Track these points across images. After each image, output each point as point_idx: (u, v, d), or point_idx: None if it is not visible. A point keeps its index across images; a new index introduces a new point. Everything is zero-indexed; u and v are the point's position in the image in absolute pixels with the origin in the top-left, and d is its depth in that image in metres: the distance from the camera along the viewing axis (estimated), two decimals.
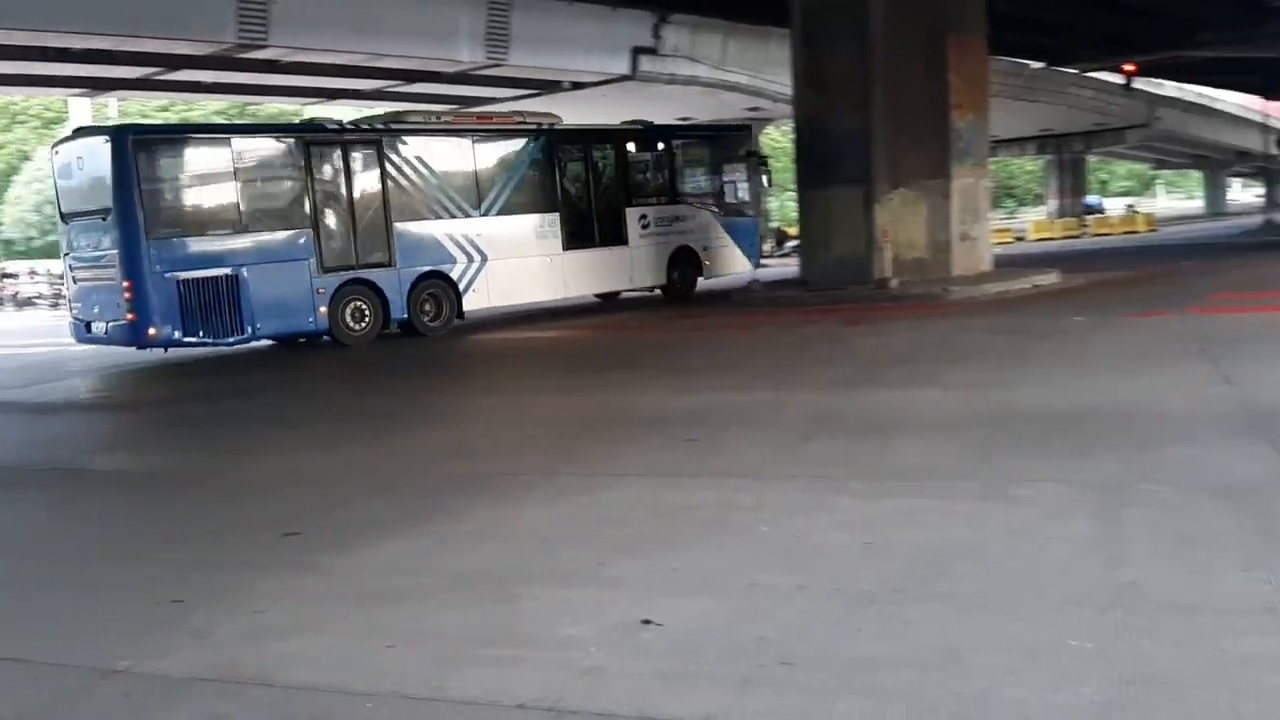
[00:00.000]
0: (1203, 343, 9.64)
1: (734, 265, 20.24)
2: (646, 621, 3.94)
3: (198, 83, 25.46)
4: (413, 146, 15.87)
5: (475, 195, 16.46)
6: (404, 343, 15.57)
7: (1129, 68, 25.67)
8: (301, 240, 14.56)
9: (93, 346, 15.13)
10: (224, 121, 41.01)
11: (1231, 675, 3.22)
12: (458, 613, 4.23)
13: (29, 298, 33.55)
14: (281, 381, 12.99)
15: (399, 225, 15.53)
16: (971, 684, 3.29)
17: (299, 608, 4.45)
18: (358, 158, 15.26)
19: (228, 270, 13.72)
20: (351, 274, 14.99)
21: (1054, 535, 4.63)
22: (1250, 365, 8.38)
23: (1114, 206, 60.28)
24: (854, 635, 3.72)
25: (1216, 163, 62.15)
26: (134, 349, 13.94)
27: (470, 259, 16.28)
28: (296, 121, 19.44)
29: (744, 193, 20.44)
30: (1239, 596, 3.81)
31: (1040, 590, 4.01)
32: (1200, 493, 5.09)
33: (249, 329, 14.05)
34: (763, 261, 22.63)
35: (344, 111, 27.77)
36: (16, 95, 42.66)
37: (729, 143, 20.94)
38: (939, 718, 3.11)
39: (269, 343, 15.48)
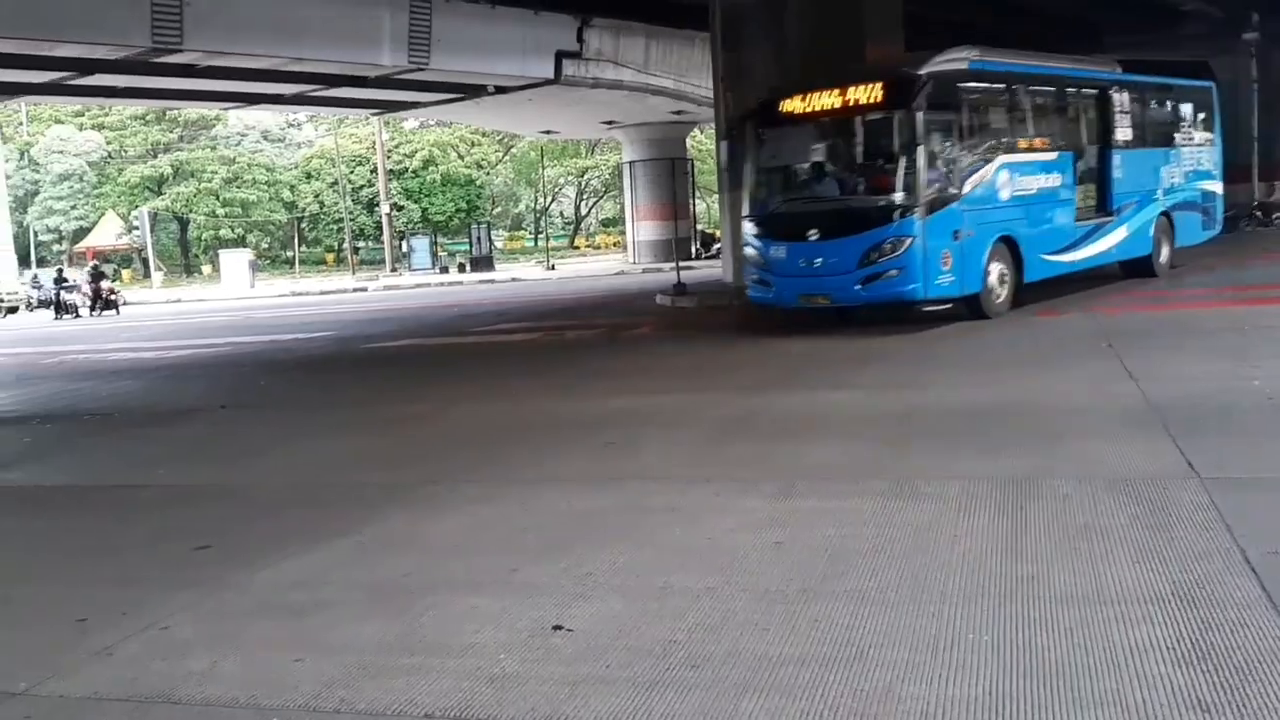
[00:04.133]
0: None
1: None
2: (557, 627, 3.96)
3: (111, 88, 24.90)
4: None
5: None
6: None
7: None
8: None
9: None
10: None
11: (1121, 665, 3.32)
12: (367, 624, 4.20)
13: None
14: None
15: None
16: (874, 679, 3.36)
17: (207, 622, 4.39)
18: None
19: None
20: None
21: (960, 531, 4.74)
22: None
23: None
24: (761, 634, 3.77)
25: None
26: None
27: None
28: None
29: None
30: (1131, 588, 3.93)
31: (943, 585, 4.10)
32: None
33: None
34: (688, 263, 22.51)
35: (262, 117, 27.33)
36: None
37: None
38: (841, 714, 3.17)
39: None
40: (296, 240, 55.35)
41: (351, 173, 55.54)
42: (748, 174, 12.91)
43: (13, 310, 34.40)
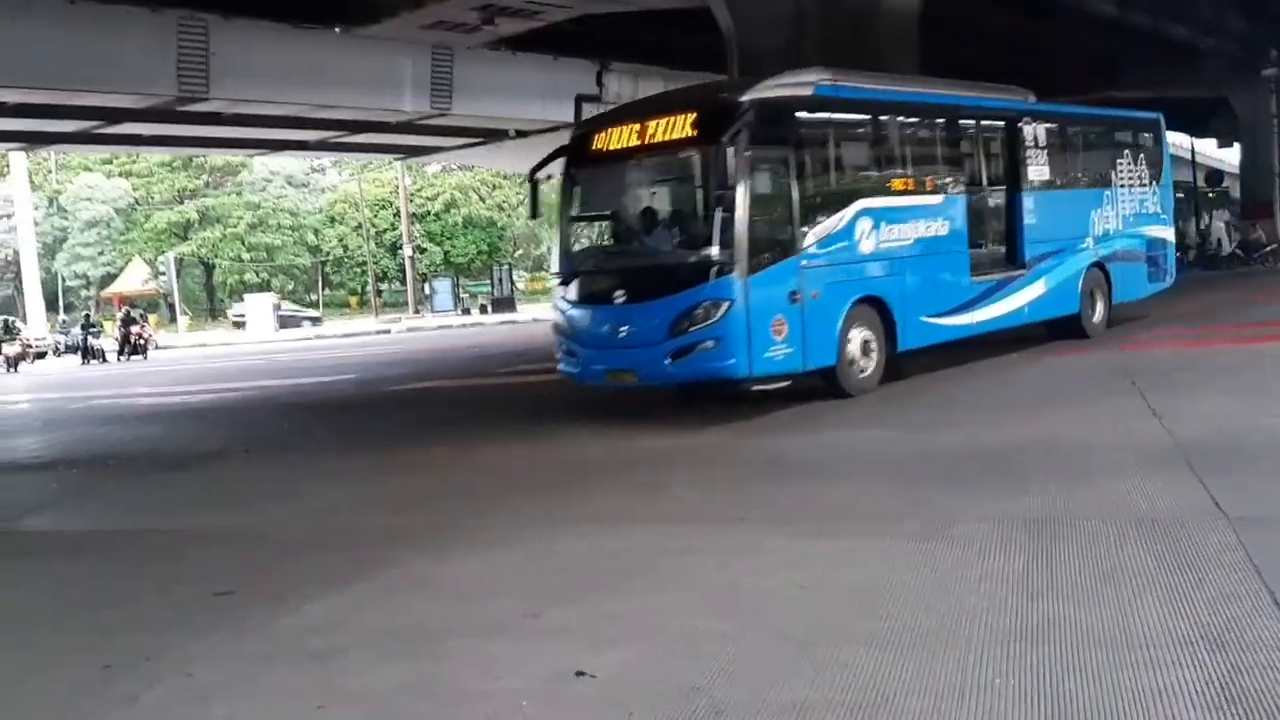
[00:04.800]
0: None
1: None
2: (580, 673, 3.93)
3: (138, 136, 25.31)
4: None
5: None
6: None
7: None
8: None
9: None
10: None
11: (1150, 710, 3.28)
12: (389, 669, 4.19)
13: None
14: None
15: None
16: None
17: (229, 668, 4.39)
18: None
19: None
20: None
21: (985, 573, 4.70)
22: None
23: None
24: (786, 679, 3.74)
25: None
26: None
27: None
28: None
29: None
30: (1160, 630, 3.88)
31: (970, 629, 4.06)
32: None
33: None
34: None
35: (286, 162, 27.77)
36: None
37: None
38: None
39: None
40: (320, 284, 55.83)
41: (375, 216, 56.16)
42: (560, 223, 10.66)
43: (40, 356, 34.73)
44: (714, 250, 9.00)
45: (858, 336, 10.02)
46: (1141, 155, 14.59)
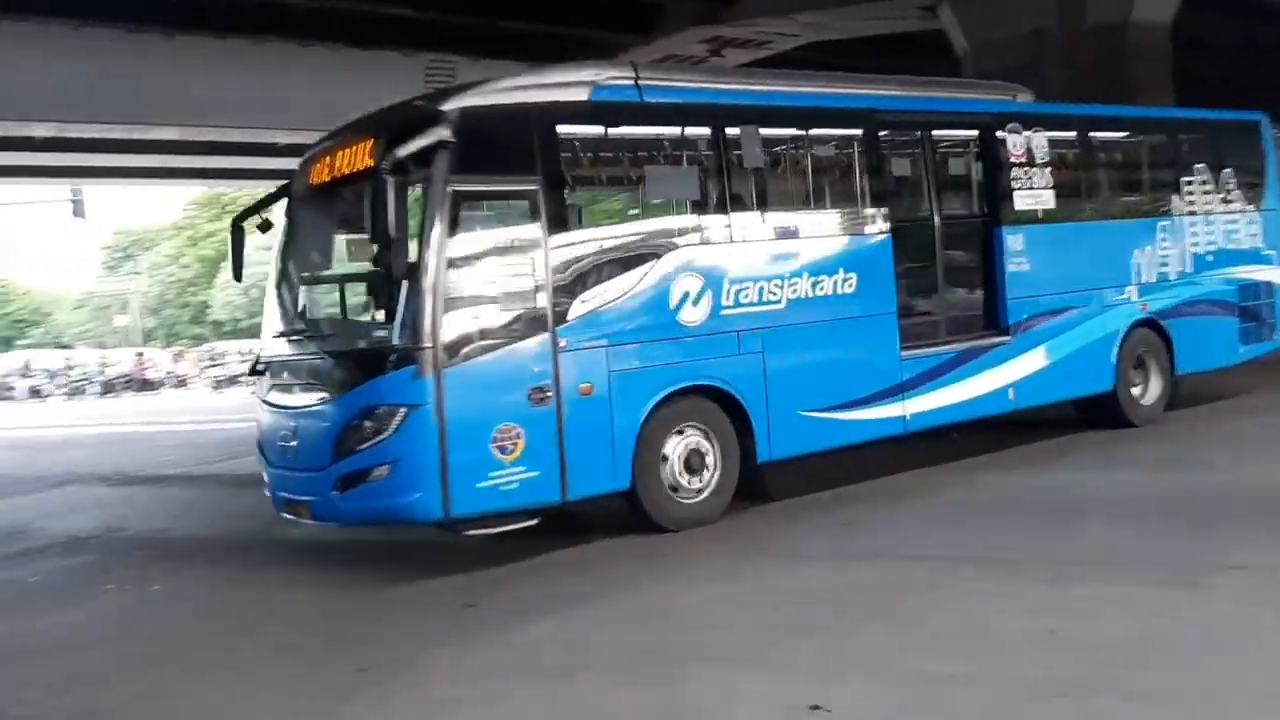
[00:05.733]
0: None
1: None
2: (815, 707, 3.87)
3: None
4: None
5: None
6: None
7: None
8: None
9: None
10: None
11: None
12: (627, 691, 4.25)
13: (233, 376, 35.44)
14: None
15: None
16: None
17: (473, 681, 4.56)
18: None
19: None
20: None
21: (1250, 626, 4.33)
22: None
23: None
24: None
25: None
26: None
27: None
28: None
29: None
30: None
31: (1238, 686, 3.75)
32: None
33: None
34: None
35: None
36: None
37: None
38: None
39: None
40: None
41: None
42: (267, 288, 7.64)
43: None
44: (392, 330, 6.32)
45: (678, 448, 7.03)
46: (1229, 171, 10.64)
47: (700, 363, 7.13)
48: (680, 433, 7.07)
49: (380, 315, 6.66)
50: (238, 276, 8.09)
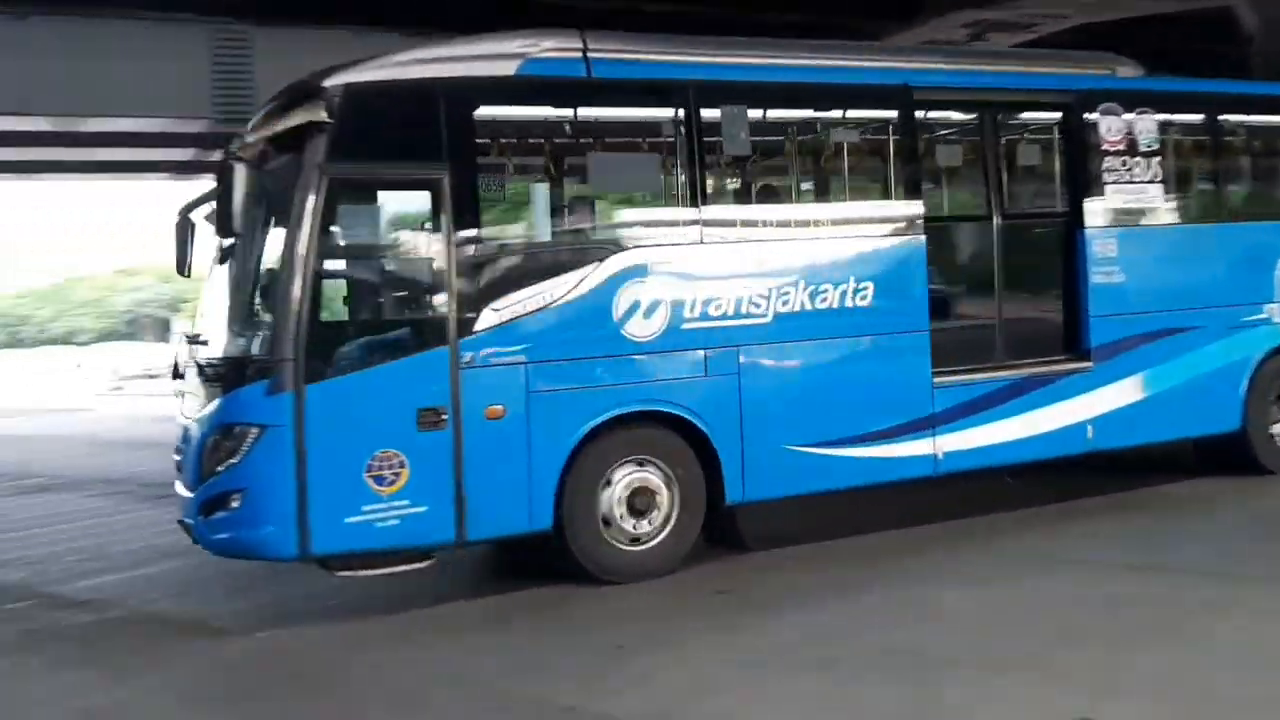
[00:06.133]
0: None
1: None
2: None
3: None
4: None
5: None
6: None
7: None
8: None
9: None
10: None
11: None
12: (880, 689, 4.20)
13: None
14: None
15: None
16: None
17: (728, 666, 4.62)
18: None
19: None
20: None
21: None
22: None
23: None
24: None
25: None
26: None
27: None
28: None
29: None
30: None
31: None
32: None
33: None
34: None
35: None
36: None
37: None
38: None
39: None
40: None
41: None
42: None
43: None
44: (253, 338, 5.72)
45: (620, 482, 6.00)
46: None
47: (651, 384, 6.07)
48: (628, 466, 6.02)
49: (249, 321, 5.86)
50: (181, 270, 6.40)
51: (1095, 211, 7.40)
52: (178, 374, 6.28)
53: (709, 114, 6.38)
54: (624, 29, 6.92)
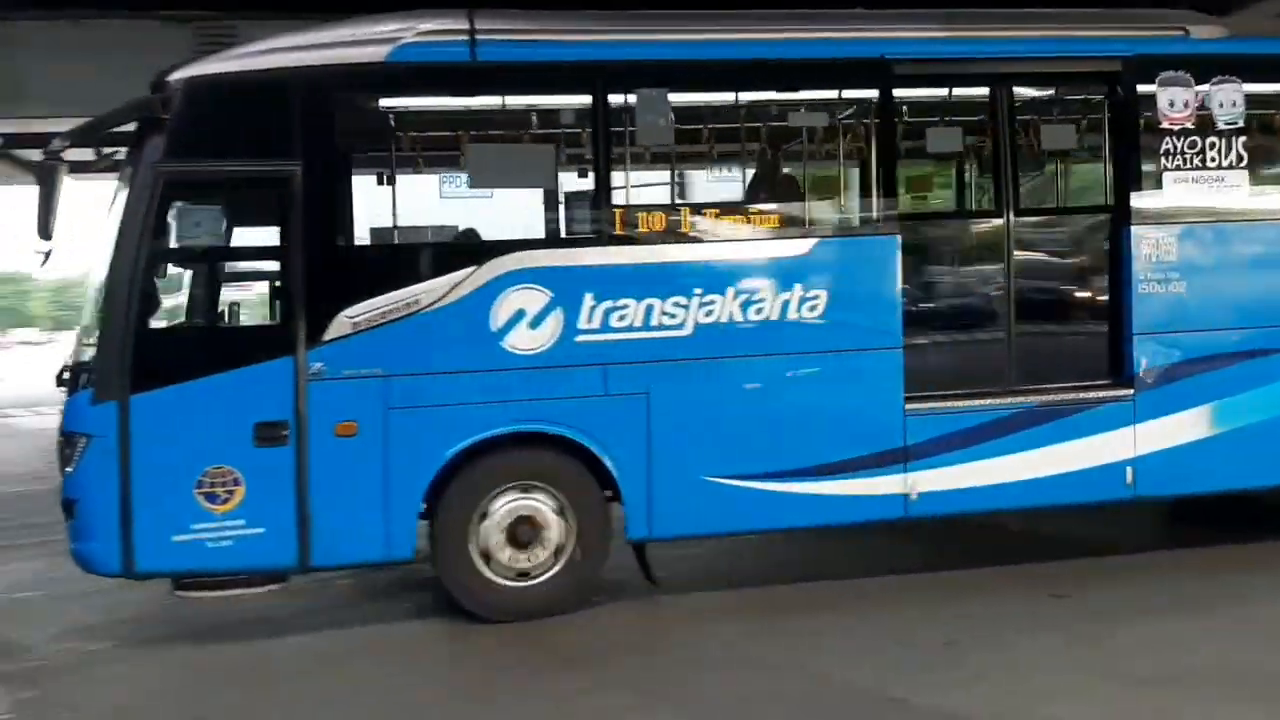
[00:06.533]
0: None
1: None
2: None
3: None
4: None
5: None
6: None
7: None
8: None
9: None
10: None
11: None
12: (1233, 708, 4.11)
13: None
14: None
15: None
16: None
17: (1061, 674, 4.62)
18: None
19: None
20: None
21: None
22: None
23: None
24: None
25: None
26: None
27: None
28: None
29: None
30: None
31: None
32: None
33: None
34: None
35: None
36: None
37: None
38: None
39: None
40: None
41: None
42: None
43: None
44: (90, 344, 5.37)
45: (500, 511, 5.50)
46: None
47: (534, 403, 5.51)
48: (510, 494, 5.53)
49: (90, 326, 5.56)
50: (43, 233, 5.40)
51: (1149, 204, 6.16)
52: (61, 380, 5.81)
53: (616, 99, 5.78)
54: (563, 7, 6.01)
